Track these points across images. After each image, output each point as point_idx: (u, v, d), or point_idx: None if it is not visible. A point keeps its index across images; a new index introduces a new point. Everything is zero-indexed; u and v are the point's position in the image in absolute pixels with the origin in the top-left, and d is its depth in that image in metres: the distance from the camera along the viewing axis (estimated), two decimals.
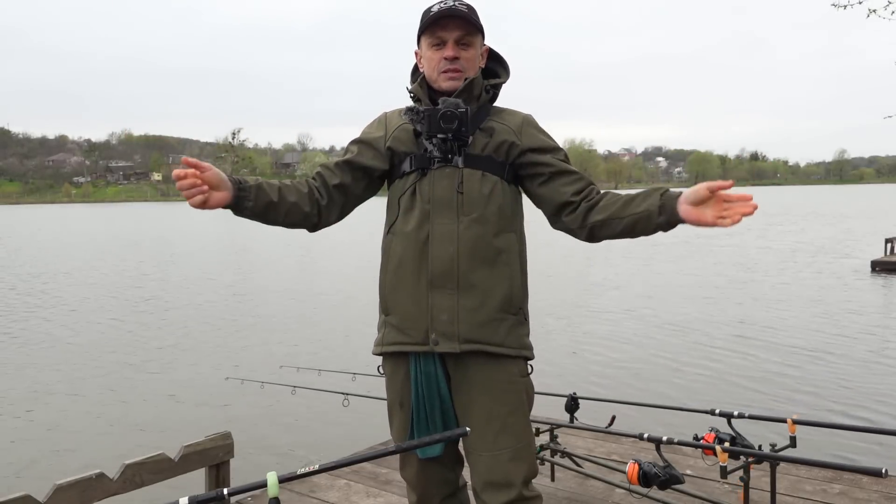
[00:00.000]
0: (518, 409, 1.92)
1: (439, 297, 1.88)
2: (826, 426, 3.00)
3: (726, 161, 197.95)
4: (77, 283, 17.68)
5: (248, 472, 4.26)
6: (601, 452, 3.79)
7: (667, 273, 17.17)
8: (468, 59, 1.95)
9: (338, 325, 11.44)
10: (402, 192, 1.96)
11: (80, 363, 9.22)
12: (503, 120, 1.99)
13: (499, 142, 1.95)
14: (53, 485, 2.49)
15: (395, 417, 2.03)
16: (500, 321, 1.90)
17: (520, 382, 1.94)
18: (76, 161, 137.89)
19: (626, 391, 7.17)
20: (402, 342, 1.93)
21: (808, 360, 8.51)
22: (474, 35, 1.96)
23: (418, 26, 1.97)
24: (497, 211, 1.92)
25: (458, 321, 1.87)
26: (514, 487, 1.87)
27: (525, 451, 1.91)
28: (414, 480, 2.07)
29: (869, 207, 52.69)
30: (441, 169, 1.92)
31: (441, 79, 1.95)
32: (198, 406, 7.27)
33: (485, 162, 1.93)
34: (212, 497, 1.43)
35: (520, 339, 1.95)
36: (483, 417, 1.89)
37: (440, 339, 1.87)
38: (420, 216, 1.91)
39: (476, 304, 1.88)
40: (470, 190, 1.90)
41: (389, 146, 1.99)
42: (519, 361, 1.95)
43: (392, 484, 3.51)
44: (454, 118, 1.87)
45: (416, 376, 1.93)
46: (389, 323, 1.97)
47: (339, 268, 19.76)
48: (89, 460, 5.60)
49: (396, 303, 1.95)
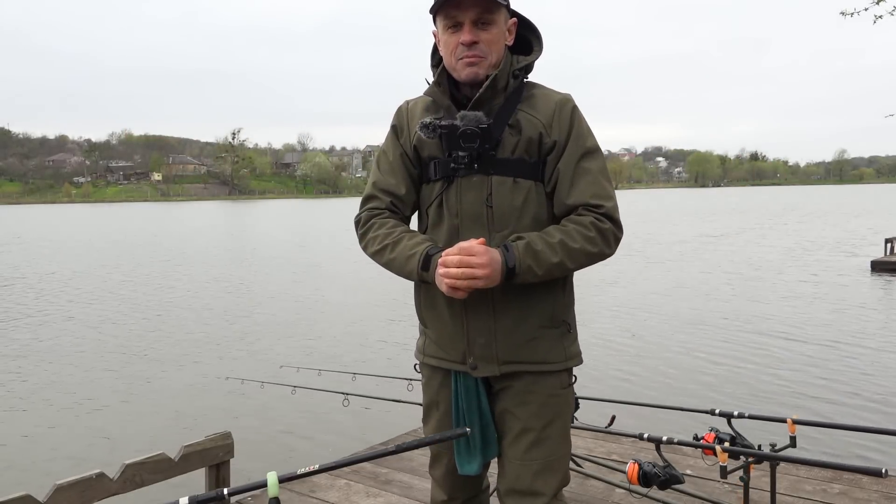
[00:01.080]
0: (554, 422, 1.82)
1: (475, 319, 1.77)
2: (826, 426, 3.00)
3: (726, 161, 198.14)
4: (77, 282, 17.68)
5: (248, 472, 4.28)
6: (601, 452, 3.79)
7: (666, 274, 17.16)
8: (489, 42, 1.73)
9: (338, 326, 11.43)
10: (428, 203, 1.84)
11: (80, 363, 9.21)
12: (534, 110, 1.78)
13: (528, 138, 1.75)
14: (53, 485, 2.49)
15: (432, 418, 1.95)
16: (541, 338, 1.79)
17: (561, 395, 1.84)
18: (76, 161, 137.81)
19: (626, 391, 7.17)
20: (442, 358, 1.85)
21: (808, 359, 8.50)
22: (495, 11, 1.73)
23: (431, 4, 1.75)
24: (532, 223, 1.76)
25: (495, 343, 1.77)
26: (541, 497, 1.80)
27: (557, 463, 1.83)
28: (441, 480, 1.99)
29: (869, 207, 52.68)
30: (468, 177, 1.76)
31: (459, 66, 1.74)
32: (198, 406, 7.27)
33: (515, 166, 1.75)
34: (212, 497, 1.43)
35: (564, 352, 1.84)
36: (518, 428, 1.81)
37: (479, 364, 1.78)
38: (449, 232, 1.79)
39: (514, 324, 1.77)
40: (500, 203, 1.74)
41: (414, 146, 1.85)
42: (562, 374, 1.85)
43: (392, 484, 3.51)
44: (475, 137, 1.70)
45: (456, 389, 1.84)
46: (429, 336, 1.89)
47: (340, 268, 19.75)
48: (89, 460, 5.61)
49: (432, 320, 1.87)
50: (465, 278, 1.61)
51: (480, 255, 1.62)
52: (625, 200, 78.12)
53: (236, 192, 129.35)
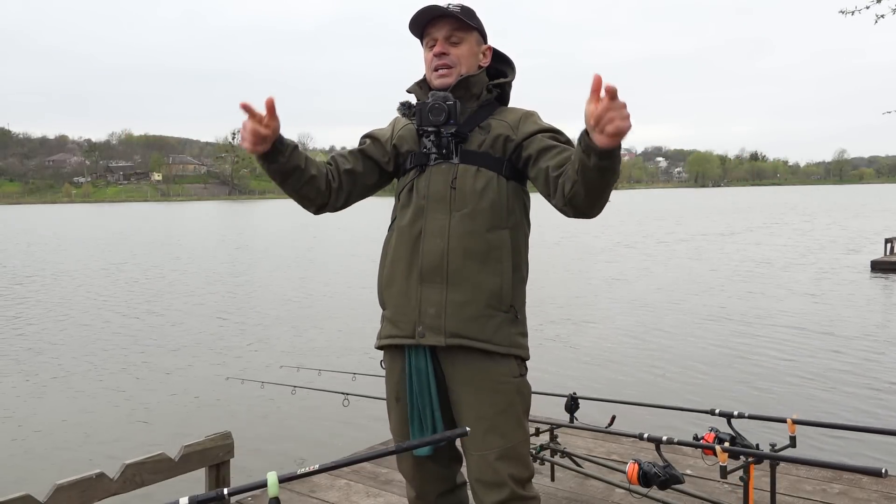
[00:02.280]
0: (507, 410, 1.90)
1: (428, 290, 1.89)
2: (826, 426, 2.99)
3: (726, 161, 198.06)
4: (77, 282, 17.68)
5: (248, 472, 4.28)
6: (601, 452, 3.79)
7: (666, 273, 17.16)
8: (459, 56, 1.96)
9: (338, 326, 11.44)
10: (402, 189, 2.00)
11: (79, 363, 9.21)
12: (503, 117, 1.99)
13: (495, 136, 1.94)
14: (53, 485, 2.49)
15: (392, 412, 2.05)
16: (489, 318, 1.89)
17: (510, 383, 1.92)
18: (76, 161, 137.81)
19: (626, 391, 7.16)
20: (394, 335, 1.95)
21: (809, 359, 8.50)
22: (465, 31, 1.96)
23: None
24: (489, 206, 1.90)
25: (444, 315, 1.87)
26: (506, 487, 1.87)
27: (514, 451, 1.90)
28: (409, 475, 2.09)
29: (869, 207, 52.68)
30: (438, 165, 1.95)
31: (434, 77, 1.98)
32: (198, 406, 7.27)
33: (481, 158, 1.93)
34: (212, 497, 1.43)
35: (510, 338, 1.92)
36: (472, 416, 1.89)
37: (426, 332, 1.88)
38: (415, 211, 1.94)
39: (464, 299, 1.88)
40: (463, 185, 1.91)
41: (394, 144, 2.03)
42: (510, 361, 1.92)
43: (392, 484, 3.51)
44: (441, 111, 1.91)
45: (409, 372, 1.94)
46: (385, 317, 2.01)
47: (340, 268, 19.76)
48: (89, 460, 5.61)
49: (391, 296, 1.98)
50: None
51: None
52: (625, 200, 78.12)
53: (236, 192, 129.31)
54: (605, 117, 1.46)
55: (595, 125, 1.49)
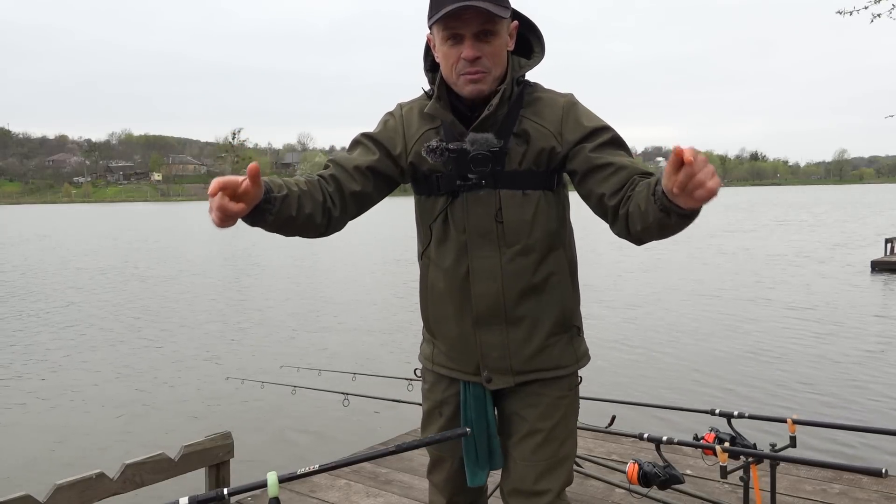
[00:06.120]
0: (561, 422, 1.80)
1: (487, 334, 1.75)
2: (826, 426, 2.98)
3: (726, 161, 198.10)
4: (77, 282, 17.67)
5: (248, 472, 4.27)
6: (601, 452, 3.79)
7: (666, 273, 17.16)
8: (492, 55, 1.60)
9: (338, 326, 11.43)
10: (432, 218, 1.74)
11: (79, 363, 9.21)
12: (540, 117, 1.68)
13: (537, 150, 1.66)
14: (53, 485, 2.49)
15: (434, 423, 1.91)
16: (554, 345, 1.78)
17: (568, 396, 1.83)
18: (76, 161, 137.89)
19: (626, 391, 7.16)
20: (452, 368, 1.83)
21: (808, 359, 8.50)
22: (498, 23, 1.59)
23: (428, 9, 1.61)
24: (544, 235, 1.71)
25: (509, 356, 1.75)
26: (545, 496, 1.77)
27: (562, 463, 1.81)
28: (441, 485, 1.97)
29: (869, 207, 52.66)
30: (474, 192, 1.67)
31: (461, 82, 1.62)
32: (198, 406, 7.27)
33: (524, 178, 1.67)
34: (212, 497, 1.43)
35: (574, 354, 1.83)
36: (525, 429, 1.79)
37: (493, 377, 1.77)
38: (457, 249, 1.72)
39: (526, 335, 1.75)
40: (510, 218, 1.67)
41: (412, 162, 1.72)
42: (571, 376, 1.83)
43: (392, 484, 3.51)
44: (487, 161, 1.62)
45: (465, 399, 1.82)
46: (438, 347, 1.86)
47: (340, 268, 19.75)
48: (89, 460, 5.61)
49: (442, 333, 1.83)
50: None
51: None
52: None
53: None
54: (693, 183, 1.27)
55: (680, 193, 1.31)
